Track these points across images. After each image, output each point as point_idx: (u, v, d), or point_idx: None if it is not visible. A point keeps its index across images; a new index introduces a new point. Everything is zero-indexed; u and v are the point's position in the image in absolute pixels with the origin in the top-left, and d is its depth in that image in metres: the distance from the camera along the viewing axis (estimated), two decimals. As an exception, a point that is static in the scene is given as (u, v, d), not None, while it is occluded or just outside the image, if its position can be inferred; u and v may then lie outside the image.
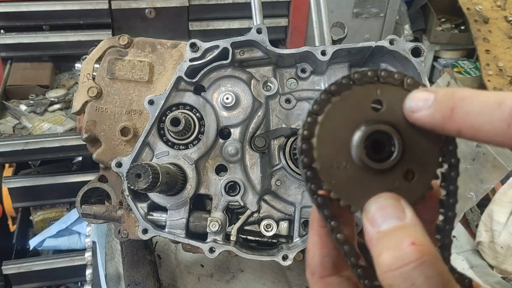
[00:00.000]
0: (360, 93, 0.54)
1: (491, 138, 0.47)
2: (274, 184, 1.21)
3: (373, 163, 0.52)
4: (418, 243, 0.46)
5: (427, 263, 0.45)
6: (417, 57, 1.12)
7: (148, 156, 1.17)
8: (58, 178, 2.81)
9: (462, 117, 0.48)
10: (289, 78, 1.23)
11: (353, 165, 0.53)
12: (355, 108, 0.54)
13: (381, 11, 3.44)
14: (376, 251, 0.48)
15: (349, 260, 0.54)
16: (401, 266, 0.45)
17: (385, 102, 0.54)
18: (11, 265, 2.70)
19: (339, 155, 0.53)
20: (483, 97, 0.48)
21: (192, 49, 1.15)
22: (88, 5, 2.87)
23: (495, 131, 0.46)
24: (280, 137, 1.21)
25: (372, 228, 0.50)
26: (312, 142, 0.53)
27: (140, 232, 1.14)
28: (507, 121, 0.45)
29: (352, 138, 0.53)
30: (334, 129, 0.54)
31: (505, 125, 0.46)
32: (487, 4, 3.79)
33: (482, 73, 3.53)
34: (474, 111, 0.47)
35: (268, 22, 3.09)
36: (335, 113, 0.54)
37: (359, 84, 0.54)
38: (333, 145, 0.53)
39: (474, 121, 0.47)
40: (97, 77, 1.22)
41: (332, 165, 0.53)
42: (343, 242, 0.54)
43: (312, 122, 0.54)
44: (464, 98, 0.48)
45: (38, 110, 2.77)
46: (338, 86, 0.54)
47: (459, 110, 0.48)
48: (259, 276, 1.45)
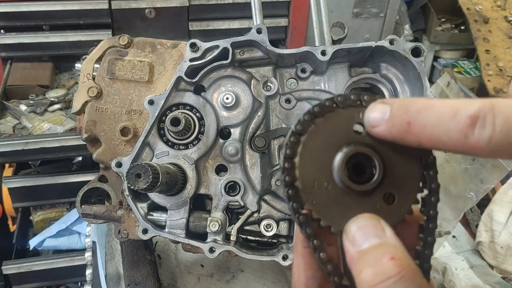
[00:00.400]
0: (342, 116, 0.55)
1: (450, 148, 0.47)
2: (274, 184, 1.21)
3: (354, 185, 0.53)
4: (398, 258, 0.46)
5: (407, 277, 0.46)
6: (417, 57, 1.12)
7: (148, 156, 1.17)
8: (58, 178, 2.81)
9: (419, 130, 0.48)
10: (289, 78, 1.23)
11: (334, 186, 0.54)
12: (338, 130, 0.55)
13: (381, 11, 3.44)
14: (357, 269, 0.49)
15: (332, 279, 0.54)
16: (381, 281, 0.46)
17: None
18: (11, 265, 2.70)
19: (321, 176, 0.54)
20: (438, 108, 0.47)
21: (192, 49, 1.15)
22: (88, 5, 2.87)
23: (453, 142, 0.46)
24: (280, 137, 1.21)
25: (353, 248, 0.50)
26: (294, 161, 0.54)
27: (140, 232, 1.14)
28: (463, 131, 0.46)
29: (334, 159, 0.54)
30: (316, 149, 0.55)
31: (462, 136, 0.46)
32: (487, 4, 3.79)
33: (482, 73, 3.53)
34: (431, 123, 0.47)
35: (268, 22, 3.09)
36: (318, 134, 0.55)
37: (342, 106, 0.55)
38: (315, 165, 0.54)
39: (431, 133, 0.47)
40: (97, 77, 1.22)
41: (313, 185, 0.54)
42: (326, 261, 0.54)
43: (295, 141, 0.55)
44: (419, 111, 0.48)
45: (38, 110, 2.77)
46: (321, 107, 0.55)
47: (415, 123, 0.48)
48: (259, 276, 1.45)
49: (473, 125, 0.45)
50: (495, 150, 0.45)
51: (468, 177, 1.67)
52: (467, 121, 0.45)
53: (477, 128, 0.45)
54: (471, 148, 0.46)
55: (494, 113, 0.45)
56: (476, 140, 0.45)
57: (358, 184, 0.53)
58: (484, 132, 0.45)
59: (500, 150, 0.45)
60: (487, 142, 0.45)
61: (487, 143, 0.45)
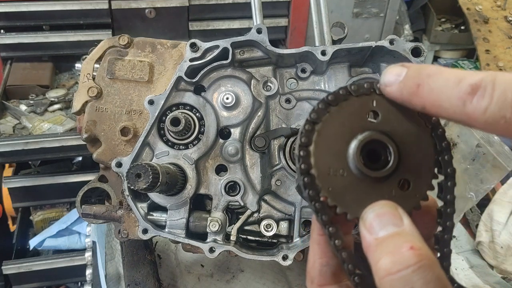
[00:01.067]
0: (356, 104, 0.56)
1: (450, 115, 0.48)
2: (274, 184, 1.21)
3: (369, 171, 0.53)
4: (417, 248, 0.46)
5: (426, 267, 0.45)
6: (417, 57, 1.12)
7: (148, 156, 1.17)
8: (58, 178, 2.81)
9: (426, 93, 0.49)
10: (289, 78, 1.23)
11: (349, 173, 0.54)
12: (352, 118, 0.55)
13: (381, 11, 3.44)
14: (374, 257, 0.49)
15: (346, 267, 0.54)
16: (400, 269, 0.46)
17: (381, 113, 0.55)
18: (11, 265, 2.70)
19: (336, 163, 0.54)
20: (446, 74, 0.49)
21: (192, 49, 1.15)
22: (88, 5, 2.87)
23: (453, 109, 0.48)
24: (280, 137, 1.21)
25: (370, 235, 0.50)
26: (309, 149, 0.54)
27: (140, 232, 1.14)
28: (462, 98, 0.47)
29: (349, 146, 0.54)
30: (331, 137, 0.55)
31: (461, 103, 0.47)
32: (487, 4, 3.79)
33: (482, 73, 3.53)
34: (437, 88, 0.49)
35: (268, 22, 3.09)
36: (332, 122, 0.55)
37: (356, 95, 0.56)
38: (330, 153, 0.54)
39: (436, 98, 0.49)
40: (97, 77, 1.22)
41: (329, 173, 0.54)
42: (341, 248, 0.54)
43: (310, 130, 0.55)
44: (430, 75, 0.50)
45: (38, 110, 2.77)
46: (335, 96, 0.56)
47: (424, 86, 0.50)
48: (259, 276, 1.45)
49: (473, 93, 0.46)
50: (489, 122, 0.46)
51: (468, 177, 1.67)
52: (468, 89, 0.47)
53: (476, 97, 0.46)
54: (467, 117, 0.47)
55: (494, 84, 0.46)
56: (473, 109, 0.46)
57: (374, 170, 0.53)
58: (482, 102, 0.46)
59: (493, 123, 0.46)
60: (482, 112, 0.46)
61: (483, 113, 0.46)
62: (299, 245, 1.16)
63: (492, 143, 1.82)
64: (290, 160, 1.20)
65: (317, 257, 0.57)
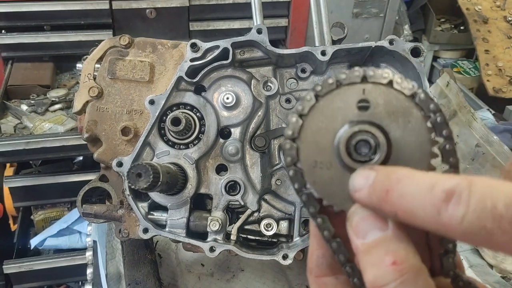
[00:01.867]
0: (346, 93, 0.53)
1: (425, 224, 0.44)
2: (274, 183, 1.22)
3: (355, 164, 0.51)
4: (399, 261, 0.46)
5: (408, 282, 0.45)
6: (417, 57, 1.12)
7: (149, 155, 1.18)
8: (59, 177, 2.82)
9: (396, 200, 0.46)
10: (289, 78, 1.23)
11: (336, 166, 0.52)
12: (341, 109, 0.53)
13: (381, 11, 3.44)
14: (362, 265, 0.49)
15: (337, 257, 0.53)
16: (383, 285, 0.46)
17: (371, 102, 0.53)
18: (12, 264, 2.71)
19: (322, 155, 0.53)
20: (417, 179, 0.45)
21: (192, 49, 1.16)
22: (89, 5, 2.87)
23: (427, 217, 0.44)
24: (280, 137, 1.22)
25: (357, 239, 0.50)
26: (295, 142, 0.53)
27: (141, 232, 1.15)
28: (436, 206, 0.43)
29: (335, 138, 0.53)
30: (318, 129, 0.53)
31: (435, 211, 0.43)
32: (486, 4, 3.80)
33: (481, 73, 3.54)
34: (408, 194, 0.45)
35: (268, 22, 3.10)
36: (319, 114, 0.53)
37: (345, 84, 0.53)
38: (317, 145, 0.53)
39: (407, 205, 0.45)
40: (98, 77, 1.22)
41: (315, 165, 0.53)
42: (330, 239, 0.54)
43: (296, 122, 0.53)
44: (400, 179, 0.46)
45: (39, 110, 2.77)
46: (323, 86, 0.53)
47: (394, 192, 0.46)
48: (260, 275, 1.45)
49: (448, 200, 0.43)
50: (467, 232, 0.42)
51: (467, 177, 1.67)
52: (442, 195, 0.43)
53: (451, 205, 0.42)
54: (443, 227, 0.43)
55: (471, 191, 0.42)
56: (449, 218, 0.43)
57: (361, 163, 0.51)
58: (458, 210, 0.42)
59: (472, 233, 0.42)
60: (459, 221, 0.42)
61: (460, 223, 0.42)
62: (299, 244, 1.16)
63: (492, 143, 1.82)
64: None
65: (314, 249, 0.57)
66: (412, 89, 0.52)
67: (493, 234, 0.41)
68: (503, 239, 0.41)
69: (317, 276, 0.56)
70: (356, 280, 0.53)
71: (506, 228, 0.41)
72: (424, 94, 0.52)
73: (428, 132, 0.52)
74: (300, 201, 0.55)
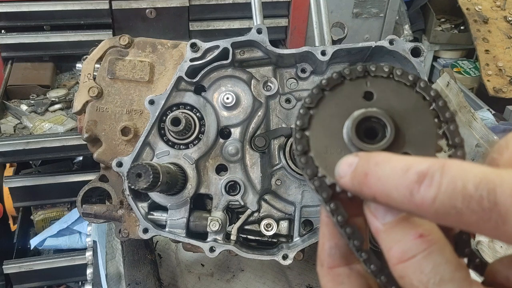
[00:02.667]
0: (351, 87, 0.56)
1: (400, 205, 0.46)
2: (274, 183, 1.22)
3: (364, 146, 0.53)
4: (426, 234, 0.46)
5: (435, 252, 0.46)
6: (417, 57, 1.12)
7: (149, 155, 1.18)
8: (59, 177, 2.81)
9: (374, 182, 0.47)
10: (289, 78, 1.23)
11: (346, 151, 0.54)
12: (347, 100, 0.56)
13: (381, 11, 3.44)
14: (385, 245, 0.49)
15: (351, 243, 0.53)
16: (410, 258, 0.46)
17: (375, 93, 0.56)
18: (12, 264, 2.70)
19: (332, 142, 0.55)
20: (394, 162, 0.47)
21: (192, 49, 1.16)
22: (89, 5, 2.87)
23: (402, 199, 0.45)
24: (280, 137, 1.22)
25: (377, 221, 0.50)
26: (305, 132, 0.56)
27: (141, 232, 1.15)
28: (409, 188, 0.44)
29: (344, 125, 0.55)
30: (327, 119, 0.56)
31: (408, 193, 0.44)
32: (486, 4, 3.80)
33: (481, 73, 3.54)
34: (384, 176, 0.46)
35: (268, 22, 3.10)
36: (327, 105, 0.56)
37: (349, 78, 0.56)
38: (326, 133, 0.56)
39: (383, 187, 0.46)
40: (98, 77, 1.22)
41: (326, 151, 0.55)
42: (344, 224, 0.53)
43: (305, 113, 0.56)
44: (378, 163, 0.48)
45: (39, 110, 2.77)
46: (329, 80, 0.57)
47: (371, 175, 0.47)
48: (259, 276, 1.45)
49: (420, 182, 0.44)
50: (440, 213, 0.43)
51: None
52: (415, 177, 0.44)
53: (423, 186, 0.44)
54: (416, 207, 0.44)
55: (443, 172, 0.43)
56: (421, 199, 0.44)
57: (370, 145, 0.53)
58: (429, 191, 0.43)
59: (444, 213, 0.43)
60: (431, 202, 0.43)
61: (431, 203, 0.43)
62: (299, 244, 1.16)
63: (492, 143, 1.82)
64: (290, 160, 1.21)
65: (326, 239, 0.56)
66: (412, 79, 0.55)
67: (463, 214, 0.42)
68: (472, 219, 0.42)
69: (330, 267, 0.55)
70: (373, 266, 0.52)
71: (474, 208, 0.42)
72: (424, 83, 0.55)
73: (431, 116, 0.54)
74: (312, 188, 0.55)
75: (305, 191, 1.21)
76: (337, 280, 0.55)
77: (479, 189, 0.42)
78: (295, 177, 1.21)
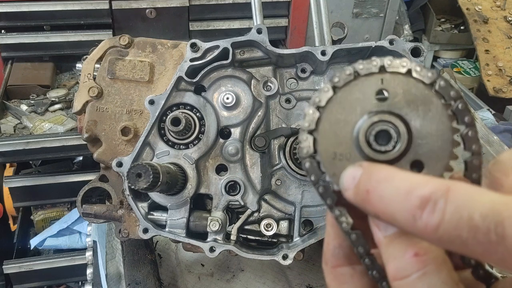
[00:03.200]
0: (363, 84, 0.52)
1: (404, 228, 0.44)
2: (274, 183, 1.22)
3: (375, 154, 0.50)
4: (422, 253, 0.45)
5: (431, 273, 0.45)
6: (417, 57, 1.12)
7: (149, 155, 1.18)
8: (59, 177, 2.81)
9: (376, 201, 0.46)
10: (289, 78, 1.23)
11: (356, 157, 0.51)
12: (359, 99, 0.52)
13: (381, 11, 3.44)
14: (384, 258, 0.48)
15: (356, 249, 0.52)
16: (404, 277, 0.45)
17: (390, 91, 0.51)
18: (12, 264, 2.70)
19: (342, 147, 0.52)
20: (397, 182, 0.45)
21: (192, 49, 1.16)
22: (89, 5, 2.87)
23: (404, 222, 0.44)
24: (280, 137, 1.22)
25: (379, 232, 0.49)
26: (313, 134, 0.52)
27: (141, 232, 1.15)
28: (411, 212, 0.43)
29: (354, 129, 0.51)
30: (336, 120, 0.52)
31: (411, 217, 0.43)
32: (486, 4, 3.80)
33: (481, 73, 3.54)
34: (386, 197, 0.45)
35: (268, 22, 3.10)
36: (338, 105, 0.52)
37: (363, 74, 0.52)
38: (335, 136, 0.52)
39: (386, 207, 0.45)
40: (98, 77, 1.22)
41: (334, 157, 0.52)
42: (349, 230, 0.52)
43: (313, 113, 0.52)
44: (380, 181, 0.46)
45: (39, 110, 2.77)
46: (341, 77, 0.52)
47: (374, 193, 0.46)
48: (260, 276, 1.45)
49: (423, 208, 0.42)
50: (443, 240, 0.42)
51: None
52: (417, 202, 0.43)
53: (425, 212, 0.42)
54: (419, 232, 0.43)
55: (447, 198, 0.42)
56: (424, 225, 0.42)
57: (380, 153, 0.50)
58: (432, 218, 0.42)
59: (448, 241, 0.42)
60: (434, 229, 0.42)
61: (434, 231, 0.42)
62: (299, 244, 1.16)
63: (492, 143, 1.82)
64: (290, 160, 1.21)
65: (331, 238, 0.56)
66: (432, 77, 0.51)
67: (468, 244, 0.41)
68: (478, 249, 0.41)
69: (334, 266, 0.55)
70: (375, 273, 0.52)
71: (480, 239, 0.40)
72: (444, 81, 0.51)
73: (449, 120, 0.50)
74: (316, 193, 0.53)
75: (305, 191, 1.21)
76: (340, 279, 0.54)
77: (486, 221, 0.40)
78: (295, 177, 1.21)
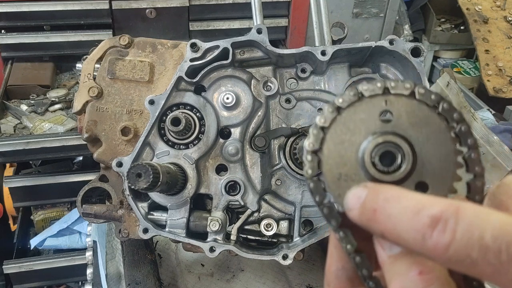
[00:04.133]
0: (367, 105, 0.52)
1: (412, 247, 0.44)
2: (274, 183, 1.22)
3: (380, 176, 0.50)
4: (426, 271, 0.45)
5: None
6: (417, 57, 1.12)
7: (149, 155, 1.18)
8: (59, 177, 2.81)
9: (383, 220, 0.46)
10: (289, 78, 1.23)
11: (361, 178, 0.51)
12: (363, 120, 0.52)
13: (381, 11, 3.44)
14: (387, 277, 0.48)
15: (360, 271, 0.52)
16: None
17: (394, 112, 0.52)
18: (12, 264, 2.70)
19: (347, 168, 0.52)
20: (405, 201, 0.45)
21: (192, 49, 1.16)
22: (89, 5, 2.87)
23: (413, 241, 0.44)
24: (280, 137, 1.22)
25: (383, 252, 0.49)
26: (318, 154, 0.52)
27: (141, 232, 1.15)
28: (421, 232, 0.43)
29: (359, 150, 0.52)
30: (341, 141, 0.52)
31: (420, 237, 0.43)
32: (486, 4, 3.80)
33: (481, 73, 3.54)
34: (394, 215, 0.45)
35: (268, 22, 3.10)
36: (342, 126, 0.53)
37: (367, 96, 0.53)
38: (340, 157, 0.52)
39: (394, 227, 0.45)
40: (98, 77, 1.22)
41: (340, 178, 0.52)
42: (353, 253, 0.52)
43: (317, 134, 0.53)
44: (387, 200, 0.46)
45: (39, 110, 2.77)
46: (345, 98, 0.53)
47: (381, 212, 0.46)
48: (259, 276, 1.45)
49: (433, 227, 0.42)
50: (453, 260, 0.42)
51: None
52: (427, 221, 0.43)
53: (436, 232, 0.42)
54: (428, 252, 0.43)
55: (458, 218, 0.42)
56: (434, 245, 0.42)
57: (386, 174, 0.50)
58: (443, 238, 0.42)
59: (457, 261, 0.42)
60: (444, 249, 0.42)
61: (444, 251, 0.42)
62: (299, 244, 1.16)
63: (492, 143, 1.82)
64: (290, 160, 1.21)
65: (333, 260, 0.55)
66: (435, 99, 0.52)
67: (478, 264, 0.41)
68: (488, 270, 0.41)
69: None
70: None
71: (491, 260, 0.40)
72: (447, 104, 0.51)
73: (452, 142, 0.51)
74: (321, 214, 0.53)
75: (305, 191, 1.21)
76: None
77: (497, 241, 0.40)
78: (295, 177, 1.21)
